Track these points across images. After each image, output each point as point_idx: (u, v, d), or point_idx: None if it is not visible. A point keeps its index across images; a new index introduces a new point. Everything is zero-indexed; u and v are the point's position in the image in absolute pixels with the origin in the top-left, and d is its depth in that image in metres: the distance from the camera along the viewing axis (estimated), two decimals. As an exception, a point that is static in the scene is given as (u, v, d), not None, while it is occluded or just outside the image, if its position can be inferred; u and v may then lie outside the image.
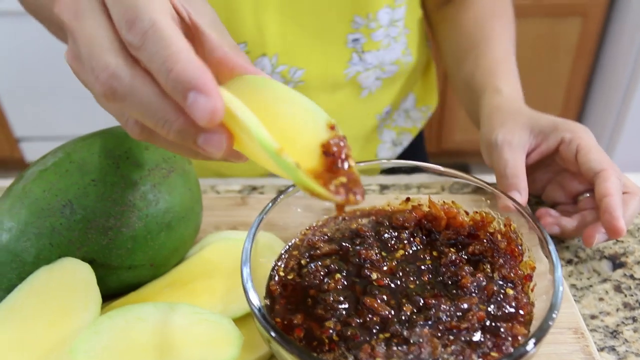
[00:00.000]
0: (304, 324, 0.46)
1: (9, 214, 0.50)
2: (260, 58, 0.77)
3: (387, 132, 0.98)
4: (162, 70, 0.33)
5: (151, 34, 0.34)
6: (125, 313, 0.47)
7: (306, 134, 0.39)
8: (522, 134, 0.66)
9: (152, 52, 0.34)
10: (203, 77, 0.33)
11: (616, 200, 0.58)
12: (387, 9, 0.79)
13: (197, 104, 0.33)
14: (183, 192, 0.56)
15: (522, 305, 0.46)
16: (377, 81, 0.87)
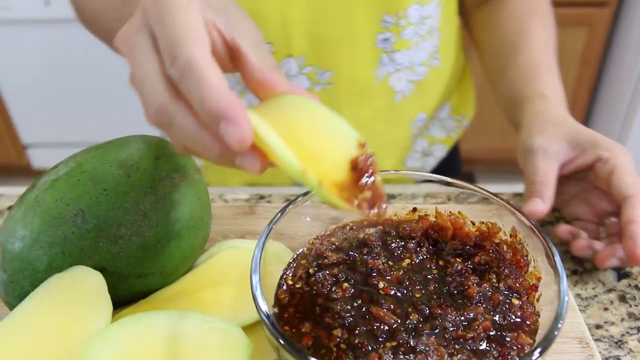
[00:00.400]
0: (312, 332, 0.46)
1: (22, 223, 0.51)
2: (287, 59, 0.77)
3: (420, 140, 0.96)
4: (197, 102, 0.38)
5: (188, 70, 0.38)
6: (136, 321, 0.48)
7: (337, 151, 0.43)
8: (560, 144, 0.65)
9: (189, 87, 0.38)
10: (232, 108, 0.37)
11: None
12: (417, 5, 0.77)
13: (228, 133, 0.37)
14: (193, 202, 0.56)
15: (527, 315, 0.46)
16: (409, 84, 0.85)
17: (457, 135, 1.01)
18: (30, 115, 2.54)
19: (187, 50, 0.38)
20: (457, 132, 1.01)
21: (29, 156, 2.70)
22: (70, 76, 2.39)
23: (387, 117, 0.87)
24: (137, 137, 0.58)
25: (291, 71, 0.78)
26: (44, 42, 2.30)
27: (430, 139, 0.97)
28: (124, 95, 2.43)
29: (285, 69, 0.77)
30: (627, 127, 2.22)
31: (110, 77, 2.38)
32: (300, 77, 0.78)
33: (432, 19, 0.82)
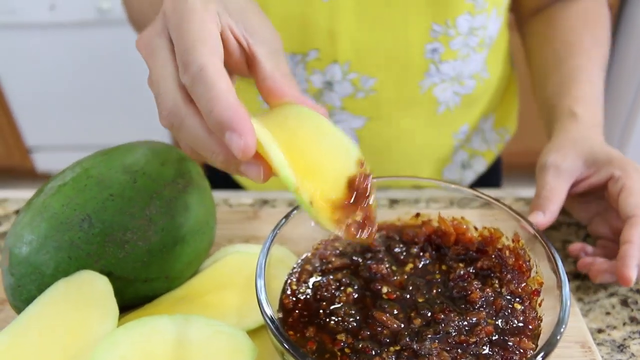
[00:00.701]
0: (317, 336, 0.47)
1: (29, 228, 0.52)
2: (331, 65, 0.76)
3: (460, 152, 0.94)
4: (206, 110, 0.40)
5: (199, 77, 0.40)
6: (142, 325, 0.48)
7: (336, 167, 0.43)
8: (575, 161, 0.65)
9: (199, 94, 0.40)
10: (238, 118, 0.38)
11: (634, 249, 0.57)
12: (467, 15, 0.75)
13: (233, 142, 0.38)
14: (198, 207, 0.57)
15: (529, 320, 0.47)
16: (456, 97, 0.83)
17: (497, 149, 0.99)
18: (35, 118, 2.56)
19: (199, 58, 0.40)
20: (498, 145, 0.99)
21: (34, 159, 2.71)
22: (75, 80, 2.40)
23: (429, 128, 0.86)
24: (142, 142, 0.59)
25: (335, 77, 0.77)
26: (49, 46, 2.31)
27: (471, 151, 0.94)
28: (128, 99, 2.44)
29: (330, 74, 0.77)
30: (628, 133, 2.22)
31: (115, 80, 2.39)
32: (344, 83, 0.78)
33: (484, 30, 0.79)
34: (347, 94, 0.79)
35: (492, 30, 0.80)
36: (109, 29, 2.25)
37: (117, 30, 2.25)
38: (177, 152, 0.60)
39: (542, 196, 0.64)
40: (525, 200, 0.80)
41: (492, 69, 0.87)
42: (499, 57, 0.88)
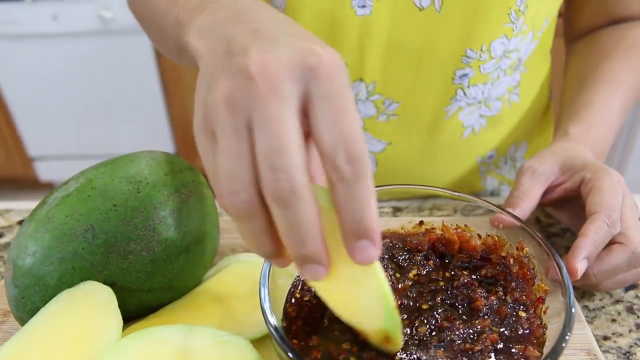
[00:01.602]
0: (321, 345, 0.47)
1: (33, 239, 0.52)
2: (357, 82, 0.75)
3: (490, 179, 0.91)
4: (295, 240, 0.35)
5: (290, 198, 0.33)
6: (146, 335, 0.48)
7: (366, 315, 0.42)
8: (551, 166, 0.65)
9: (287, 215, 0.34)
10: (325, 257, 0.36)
11: (586, 242, 0.55)
12: (504, 39, 0.72)
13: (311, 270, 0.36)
14: (201, 216, 0.57)
15: (534, 328, 0.47)
16: (481, 119, 0.81)
17: None
18: (38, 128, 2.56)
19: (291, 172, 0.33)
20: None
21: (36, 169, 2.72)
22: (77, 89, 2.41)
23: (452, 153, 0.84)
24: (146, 152, 0.59)
25: (360, 95, 0.76)
26: (52, 56, 2.32)
27: (500, 177, 0.92)
28: (131, 108, 2.45)
29: (355, 91, 0.75)
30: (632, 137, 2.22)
31: (117, 90, 2.40)
32: (367, 103, 0.76)
33: (518, 52, 0.77)
34: (370, 115, 0.78)
35: (523, 53, 0.78)
36: (112, 38, 2.26)
37: (119, 40, 2.26)
38: (180, 161, 0.60)
39: (515, 195, 0.64)
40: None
41: (525, 95, 0.84)
42: (536, 84, 0.86)
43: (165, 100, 2.42)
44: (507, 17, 0.69)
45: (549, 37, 0.83)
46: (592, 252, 0.55)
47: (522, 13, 0.70)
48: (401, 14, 0.69)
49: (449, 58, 0.73)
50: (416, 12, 0.68)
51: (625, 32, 0.79)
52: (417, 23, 0.69)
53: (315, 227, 0.35)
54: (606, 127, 0.74)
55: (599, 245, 0.56)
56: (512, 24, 0.71)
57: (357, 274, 0.38)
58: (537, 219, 0.76)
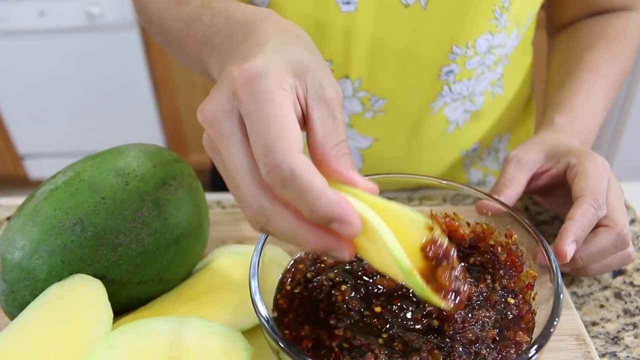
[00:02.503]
0: (312, 334, 0.47)
1: (21, 233, 0.52)
2: (343, 79, 0.75)
3: (474, 171, 0.92)
4: (307, 210, 0.37)
5: (291, 181, 0.36)
6: (137, 328, 0.48)
7: (409, 239, 0.41)
8: (536, 154, 0.66)
9: (294, 197, 0.37)
10: (345, 212, 0.36)
11: (573, 225, 0.56)
12: (488, 35, 0.72)
13: (343, 230, 0.37)
14: (191, 208, 0.57)
15: (524, 314, 0.47)
16: (465, 114, 0.82)
17: None
18: (27, 126, 2.55)
19: (286, 158, 0.36)
20: None
21: (26, 167, 2.70)
22: (66, 86, 2.40)
23: (437, 147, 0.84)
24: (134, 145, 0.59)
25: (346, 92, 0.76)
26: (40, 52, 2.30)
27: (484, 169, 0.93)
28: (120, 104, 2.44)
29: (341, 87, 0.74)
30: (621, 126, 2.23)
31: (106, 86, 2.39)
32: (353, 100, 0.77)
33: (502, 48, 0.77)
34: (356, 112, 0.78)
35: (509, 48, 0.79)
36: (99, 34, 2.24)
37: (107, 36, 2.24)
38: (169, 153, 0.60)
39: (500, 183, 0.64)
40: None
41: (508, 87, 0.85)
42: (518, 76, 0.86)
43: (155, 97, 2.42)
44: (492, 13, 0.70)
45: (531, 30, 0.84)
46: (580, 235, 0.56)
47: (506, 9, 0.70)
48: (386, 10, 0.68)
49: (435, 55, 0.73)
50: (402, 8, 0.68)
51: (607, 23, 0.80)
52: (403, 20, 0.69)
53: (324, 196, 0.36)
54: (591, 117, 0.74)
55: (586, 228, 0.56)
56: (497, 20, 0.71)
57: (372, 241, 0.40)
58: (526, 207, 0.77)
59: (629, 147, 2.26)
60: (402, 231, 0.41)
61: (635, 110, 2.17)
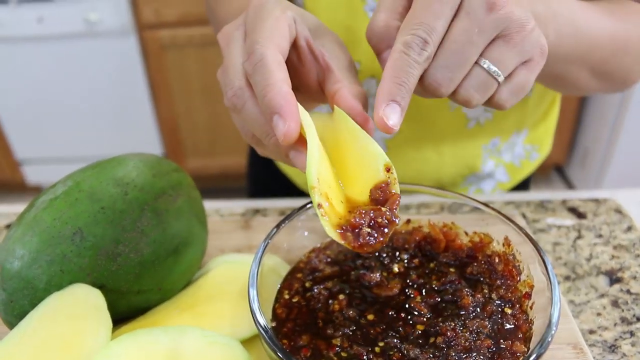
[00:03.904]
0: (311, 344, 0.47)
1: (20, 242, 0.52)
2: (369, 79, 0.78)
3: (489, 162, 0.91)
4: (260, 95, 0.43)
5: (259, 66, 0.43)
6: (136, 338, 0.48)
7: (367, 173, 0.44)
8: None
9: (257, 80, 0.44)
10: (287, 105, 0.42)
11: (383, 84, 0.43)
12: None
13: (278, 126, 0.42)
14: (189, 218, 0.57)
15: (521, 324, 0.47)
16: (487, 113, 0.82)
17: (521, 165, 0.94)
18: (25, 131, 2.55)
19: (262, 49, 0.44)
20: (522, 162, 0.94)
21: (24, 172, 2.70)
22: (64, 92, 2.40)
23: (457, 140, 0.86)
24: (134, 155, 0.59)
25: (371, 91, 0.78)
26: (37, 58, 2.31)
27: (498, 160, 0.92)
28: (118, 110, 2.44)
29: (366, 87, 0.78)
30: (617, 132, 2.24)
31: (103, 92, 2.39)
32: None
33: None
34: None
35: None
36: (97, 40, 2.25)
37: (105, 42, 2.25)
38: (168, 164, 0.60)
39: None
40: (514, 204, 0.80)
41: (535, 88, 0.84)
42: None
43: (153, 102, 2.42)
44: None
45: None
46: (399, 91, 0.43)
47: None
48: None
49: None
50: None
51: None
52: None
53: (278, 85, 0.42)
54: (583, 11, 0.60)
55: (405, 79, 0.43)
56: None
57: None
58: (523, 214, 0.77)
59: (623, 154, 2.27)
60: (361, 164, 0.45)
61: (630, 117, 2.18)
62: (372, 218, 0.42)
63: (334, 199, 0.43)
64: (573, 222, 0.75)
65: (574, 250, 0.70)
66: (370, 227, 0.41)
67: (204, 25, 2.19)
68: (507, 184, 0.95)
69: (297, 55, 0.50)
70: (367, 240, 0.41)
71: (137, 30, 2.23)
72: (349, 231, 0.41)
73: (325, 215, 0.41)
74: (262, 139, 0.47)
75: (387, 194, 0.43)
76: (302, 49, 0.50)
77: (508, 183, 0.95)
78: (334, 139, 0.46)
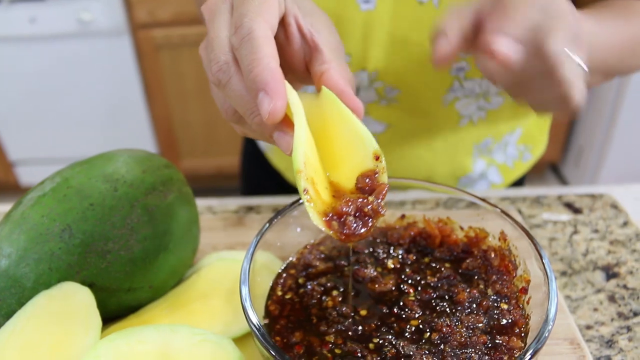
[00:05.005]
0: (304, 340, 0.46)
1: (7, 240, 0.51)
2: (360, 72, 0.77)
3: (480, 162, 0.91)
4: (246, 70, 0.42)
5: (247, 39, 0.42)
6: (127, 336, 0.47)
7: (354, 159, 0.44)
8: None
9: (243, 55, 0.42)
10: (273, 82, 0.40)
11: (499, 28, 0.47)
12: None
13: (263, 103, 0.40)
14: (181, 214, 0.56)
15: (517, 319, 0.47)
16: (480, 112, 0.82)
17: (513, 166, 0.94)
18: (18, 132, 2.53)
19: (250, 22, 0.42)
20: (515, 163, 0.94)
21: (17, 173, 2.68)
22: (58, 92, 2.38)
23: (450, 138, 0.85)
24: (123, 151, 0.58)
25: (362, 83, 0.78)
26: (30, 59, 2.29)
27: (490, 160, 0.92)
28: (111, 110, 2.43)
29: (357, 80, 0.77)
30: (611, 131, 2.24)
31: (97, 92, 2.38)
32: (369, 90, 0.78)
33: None
34: (371, 101, 0.80)
35: None
36: (90, 40, 2.23)
37: (98, 42, 2.24)
38: (158, 159, 0.59)
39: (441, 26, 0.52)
40: (510, 200, 0.80)
41: None
42: None
43: (147, 103, 2.41)
44: None
45: None
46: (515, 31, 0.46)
47: None
48: (403, 8, 0.71)
49: None
50: (416, 6, 0.70)
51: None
52: (417, 16, 0.71)
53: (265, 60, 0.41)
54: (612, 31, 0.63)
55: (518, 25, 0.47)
56: None
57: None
58: (519, 210, 0.76)
59: (618, 153, 2.27)
60: (349, 149, 0.44)
61: (624, 115, 2.18)
62: (359, 207, 0.41)
63: (319, 184, 0.42)
64: (569, 217, 0.75)
65: (570, 245, 0.70)
66: (355, 217, 0.41)
67: (198, 25, 2.18)
68: (500, 185, 0.94)
69: (285, 32, 0.48)
70: (353, 230, 0.40)
71: (130, 30, 2.22)
72: (335, 220, 0.40)
73: (311, 202, 0.40)
74: (246, 117, 0.45)
75: (374, 183, 0.42)
76: (290, 27, 0.48)
77: (501, 184, 0.95)
78: (319, 121, 0.45)
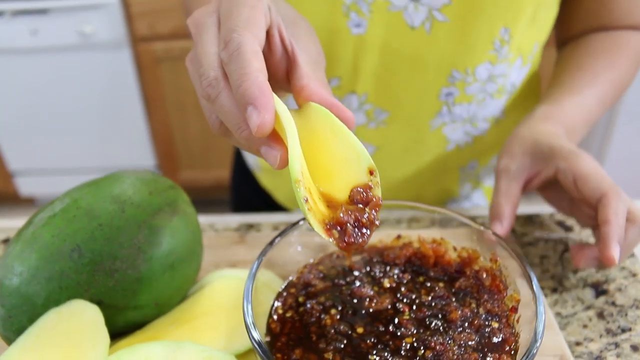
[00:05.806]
0: (303, 358, 0.48)
1: (19, 259, 0.53)
2: (349, 95, 0.78)
3: (467, 185, 0.94)
4: (235, 85, 0.42)
5: (235, 55, 0.43)
6: (134, 353, 0.49)
7: (348, 173, 0.44)
8: (523, 160, 0.68)
9: (232, 70, 0.43)
10: (262, 96, 0.41)
11: (613, 229, 0.58)
12: (488, 64, 0.75)
13: (252, 117, 0.41)
14: (185, 234, 0.58)
15: (507, 337, 0.49)
16: (467, 136, 0.84)
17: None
18: (18, 143, 2.55)
19: (239, 37, 0.43)
20: None
21: (17, 184, 2.69)
22: (58, 104, 2.40)
23: (436, 162, 0.87)
24: (130, 172, 0.60)
25: (351, 106, 0.79)
26: (31, 70, 2.31)
27: (476, 183, 0.95)
28: (111, 122, 2.45)
29: (346, 103, 0.78)
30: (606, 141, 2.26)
31: (97, 104, 2.39)
32: (359, 112, 0.79)
33: (505, 78, 0.78)
34: (360, 123, 0.81)
35: (514, 78, 0.80)
36: (91, 53, 2.26)
37: (99, 54, 2.26)
38: (164, 180, 0.61)
39: (496, 202, 0.66)
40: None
41: (512, 113, 0.86)
42: (524, 102, 0.87)
43: (147, 115, 2.43)
44: (491, 45, 0.72)
45: (538, 56, 0.85)
46: (620, 234, 0.59)
47: (506, 42, 0.73)
48: (394, 33, 0.72)
49: (436, 76, 0.75)
50: (408, 31, 0.71)
51: (611, 37, 0.80)
52: (409, 41, 0.72)
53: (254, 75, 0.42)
54: (578, 111, 0.74)
55: (622, 224, 0.59)
56: (497, 51, 0.73)
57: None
58: (513, 229, 0.78)
59: (611, 168, 2.29)
60: (342, 163, 0.44)
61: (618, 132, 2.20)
62: (357, 217, 0.42)
63: (313, 194, 0.42)
64: (560, 235, 0.77)
65: (561, 263, 0.72)
66: (353, 227, 0.42)
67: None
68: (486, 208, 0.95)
69: (269, 43, 0.49)
70: (355, 239, 0.42)
71: (131, 42, 2.24)
72: (335, 228, 0.42)
73: (310, 211, 0.41)
74: (234, 131, 0.45)
75: (368, 196, 0.43)
76: (273, 38, 0.49)
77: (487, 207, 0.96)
78: (306, 135, 0.45)
